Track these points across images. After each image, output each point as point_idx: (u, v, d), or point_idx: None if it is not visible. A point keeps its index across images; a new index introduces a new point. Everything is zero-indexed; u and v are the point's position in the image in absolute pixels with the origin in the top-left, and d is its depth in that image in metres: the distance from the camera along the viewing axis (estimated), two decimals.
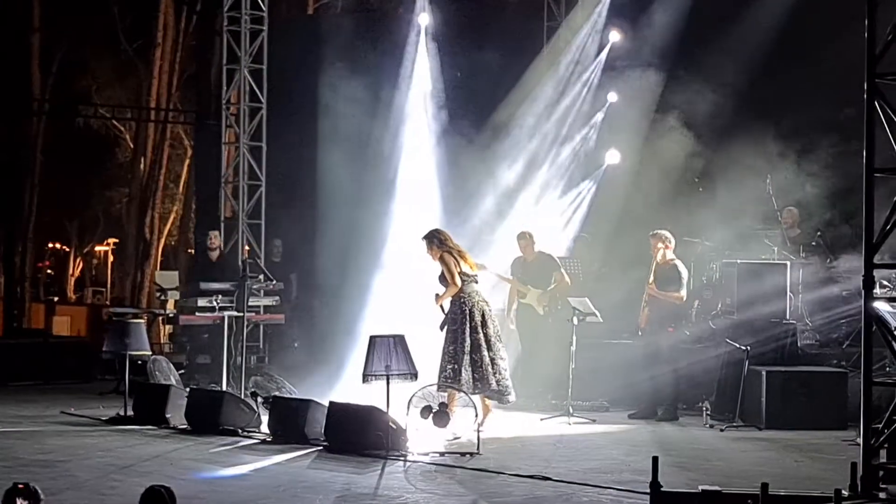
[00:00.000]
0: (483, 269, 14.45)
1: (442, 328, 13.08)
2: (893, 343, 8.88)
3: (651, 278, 14.29)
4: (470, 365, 12.90)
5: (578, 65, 18.55)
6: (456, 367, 12.85)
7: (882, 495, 8.40)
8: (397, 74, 18.05)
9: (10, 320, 29.93)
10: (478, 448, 11.39)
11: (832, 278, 15.62)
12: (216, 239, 17.78)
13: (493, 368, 12.97)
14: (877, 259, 8.62)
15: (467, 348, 12.92)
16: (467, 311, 12.99)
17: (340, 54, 18.55)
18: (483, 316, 13.05)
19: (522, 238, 15.43)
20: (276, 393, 13.61)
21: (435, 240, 13.19)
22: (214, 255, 17.54)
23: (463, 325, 12.97)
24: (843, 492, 7.91)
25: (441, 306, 13.13)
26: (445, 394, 12.95)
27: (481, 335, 12.99)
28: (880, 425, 8.68)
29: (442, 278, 13.11)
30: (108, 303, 39.99)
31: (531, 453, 11.71)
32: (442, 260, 13.06)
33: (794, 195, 16.40)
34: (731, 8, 17.28)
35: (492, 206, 17.13)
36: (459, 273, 13.01)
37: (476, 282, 13.25)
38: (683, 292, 14.39)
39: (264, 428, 12.63)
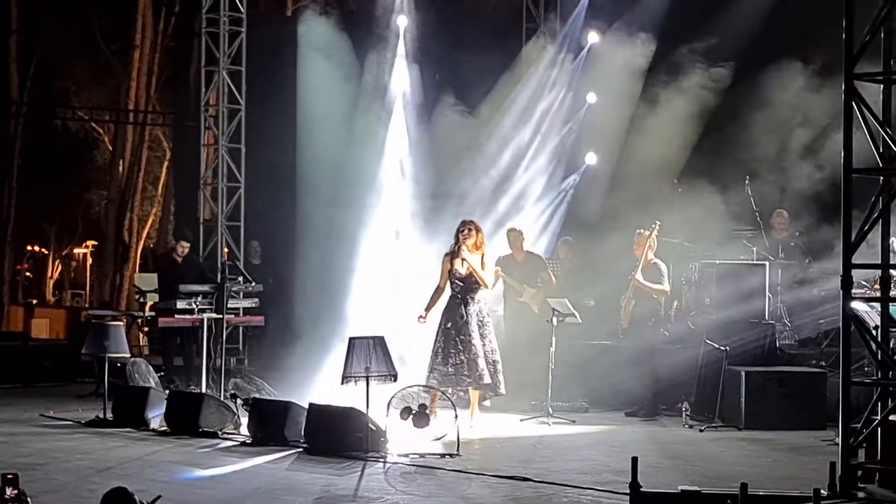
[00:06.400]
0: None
1: (419, 319, 13.26)
2: (871, 343, 8.90)
3: (638, 273, 14.31)
4: (454, 362, 13.02)
5: (557, 67, 18.56)
6: (442, 363, 13.04)
7: (861, 494, 8.42)
8: (376, 76, 18.03)
9: None
10: (458, 449, 11.38)
11: (810, 279, 15.67)
12: (186, 249, 17.09)
13: (484, 363, 13.07)
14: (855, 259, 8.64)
15: (459, 346, 13.09)
16: (460, 311, 13.12)
17: (319, 56, 18.51)
18: (478, 314, 13.17)
19: (513, 233, 15.41)
20: (256, 395, 13.58)
21: (480, 233, 13.37)
22: (179, 260, 17.00)
23: (454, 323, 13.10)
24: (822, 491, 7.91)
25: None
26: (427, 395, 12.97)
27: (476, 334, 13.11)
28: (859, 425, 8.69)
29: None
30: (87, 305, 39.84)
31: (511, 454, 11.72)
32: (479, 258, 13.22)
33: (775, 197, 16.44)
34: (710, 8, 17.31)
35: (470, 209, 17.11)
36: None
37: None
38: (667, 285, 14.47)
39: (244, 430, 12.59)
